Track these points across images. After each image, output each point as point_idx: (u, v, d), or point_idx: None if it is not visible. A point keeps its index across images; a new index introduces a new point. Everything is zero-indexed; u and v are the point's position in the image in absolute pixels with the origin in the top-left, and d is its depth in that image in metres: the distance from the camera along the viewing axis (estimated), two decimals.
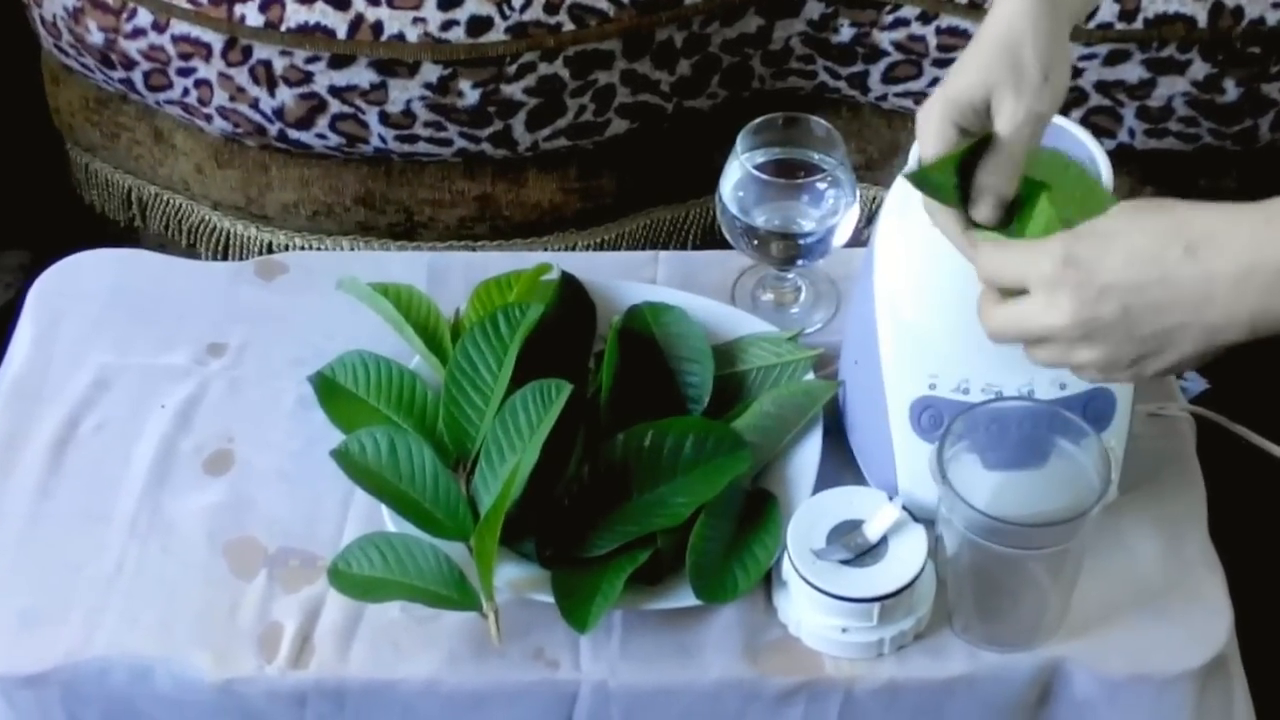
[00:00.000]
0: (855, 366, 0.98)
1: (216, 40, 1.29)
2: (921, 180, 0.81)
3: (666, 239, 1.47)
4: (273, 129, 1.33)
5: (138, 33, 1.31)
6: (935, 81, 1.35)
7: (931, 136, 0.80)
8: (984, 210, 0.81)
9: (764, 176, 1.03)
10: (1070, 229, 0.75)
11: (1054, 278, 0.73)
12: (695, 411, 0.99)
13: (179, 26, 1.29)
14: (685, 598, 0.91)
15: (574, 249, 1.43)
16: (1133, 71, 1.30)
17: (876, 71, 1.36)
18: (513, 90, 1.30)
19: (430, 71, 1.28)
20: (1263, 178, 1.41)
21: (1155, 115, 1.33)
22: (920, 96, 1.37)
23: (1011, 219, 0.81)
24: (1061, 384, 0.91)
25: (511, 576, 0.92)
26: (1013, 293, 0.77)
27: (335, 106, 1.31)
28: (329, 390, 1.01)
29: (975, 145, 0.80)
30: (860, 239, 1.07)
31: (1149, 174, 1.40)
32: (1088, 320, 0.73)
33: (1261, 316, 0.71)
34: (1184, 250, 0.71)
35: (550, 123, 1.33)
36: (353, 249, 1.42)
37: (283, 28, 1.27)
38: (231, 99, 1.32)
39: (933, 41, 1.33)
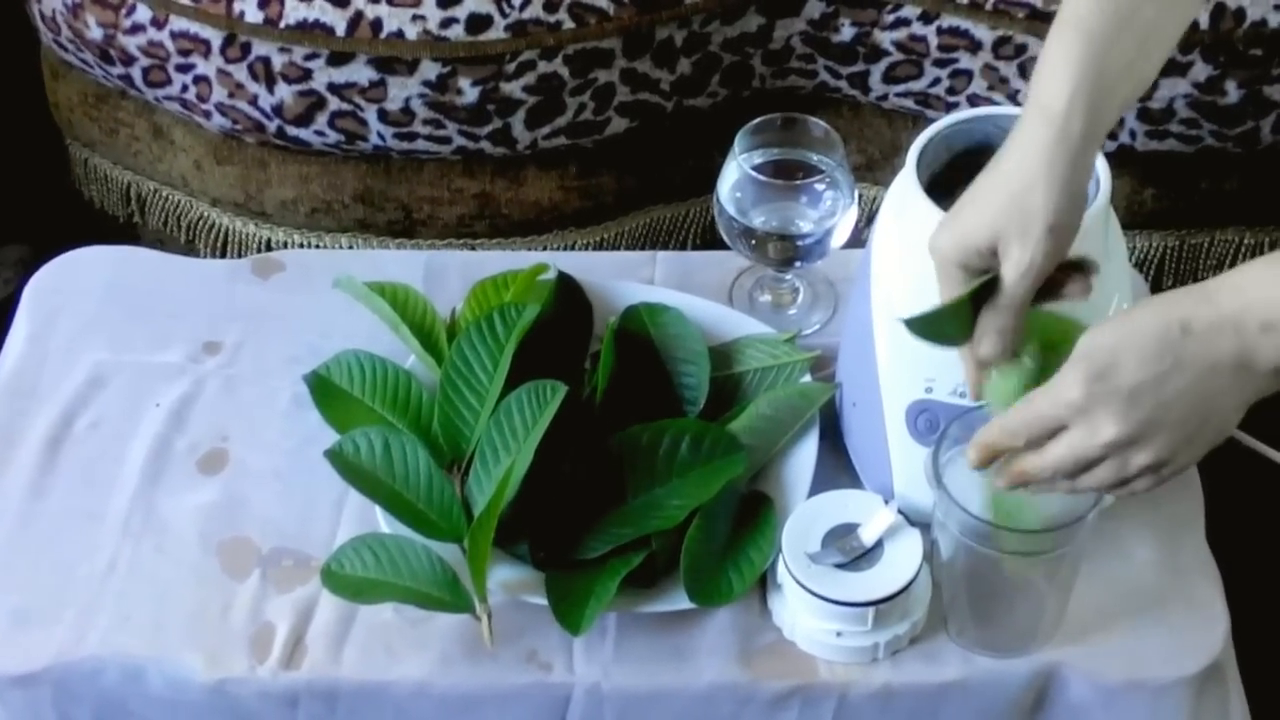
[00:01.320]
0: (852, 369, 0.98)
1: (215, 36, 1.29)
2: (922, 328, 0.82)
3: (666, 238, 1.47)
4: (271, 126, 1.33)
5: (137, 28, 1.31)
6: (936, 82, 1.35)
7: (940, 281, 0.81)
8: (987, 348, 0.81)
9: (762, 178, 1.03)
10: (1075, 357, 0.76)
11: (1085, 402, 0.75)
12: (691, 413, 0.99)
13: (178, 22, 1.29)
14: (679, 601, 0.91)
15: (573, 248, 1.42)
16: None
17: (877, 71, 1.36)
18: (512, 88, 1.29)
19: (429, 69, 1.28)
20: (1264, 180, 1.40)
21: (1156, 117, 1.32)
22: (921, 96, 1.37)
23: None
24: None
25: (505, 578, 0.92)
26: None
27: (334, 104, 1.30)
28: (324, 390, 1.01)
29: (977, 290, 0.80)
30: (859, 240, 1.06)
31: (1150, 176, 1.39)
32: (1132, 425, 0.75)
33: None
34: (1181, 332, 0.74)
35: (550, 121, 1.33)
36: (351, 246, 1.42)
37: (282, 24, 1.26)
38: (230, 95, 1.32)
39: (934, 41, 1.33)
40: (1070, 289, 0.81)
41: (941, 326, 0.82)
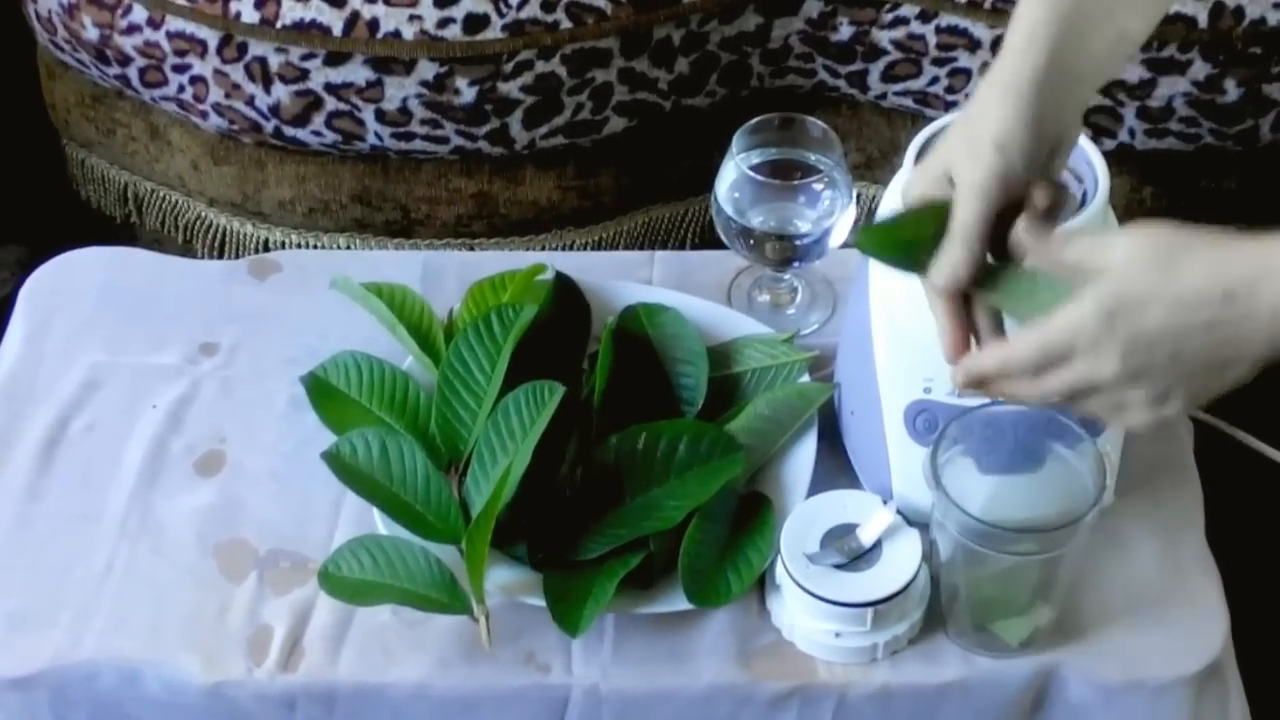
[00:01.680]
0: (850, 369, 0.98)
1: (212, 37, 1.28)
2: (865, 239, 0.81)
3: (665, 237, 1.46)
4: (268, 126, 1.33)
5: (133, 29, 1.30)
6: (934, 81, 1.35)
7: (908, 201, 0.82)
8: (938, 276, 0.80)
9: (759, 178, 1.03)
10: (1105, 285, 0.74)
11: (1098, 334, 0.73)
12: (689, 413, 0.98)
13: (174, 23, 1.29)
14: (678, 601, 0.91)
15: (571, 247, 1.42)
16: (1133, 71, 1.29)
17: (876, 70, 1.36)
18: (510, 88, 1.29)
19: (427, 69, 1.27)
20: (1264, 178, 1.40)
21: (1156, 115, 1.32)
22: (920, 95, 1.36)
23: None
24: None
25: (503, 580, 0.92)
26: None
27: (331, 104, 1.30)
28: (321, 391, 1.00)
29: (926, 213, 0.79)
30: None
31: (1149, 174, 1.39)
32: (1137, 366, 0.74)
33: None
34: (1223, 299, 0.72)
35: (548, 121, 1.33)
36: (349, 246, 1.41)
37: (278, 24, 1.26)
38: (227, 96, 1.31)
39: (932, 40, 1.32)
40: (1049, 209, 0.79)
41: (892, 243, 0.80)
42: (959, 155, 0.80)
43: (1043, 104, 0.80)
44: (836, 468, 0.98)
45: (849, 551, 0.90)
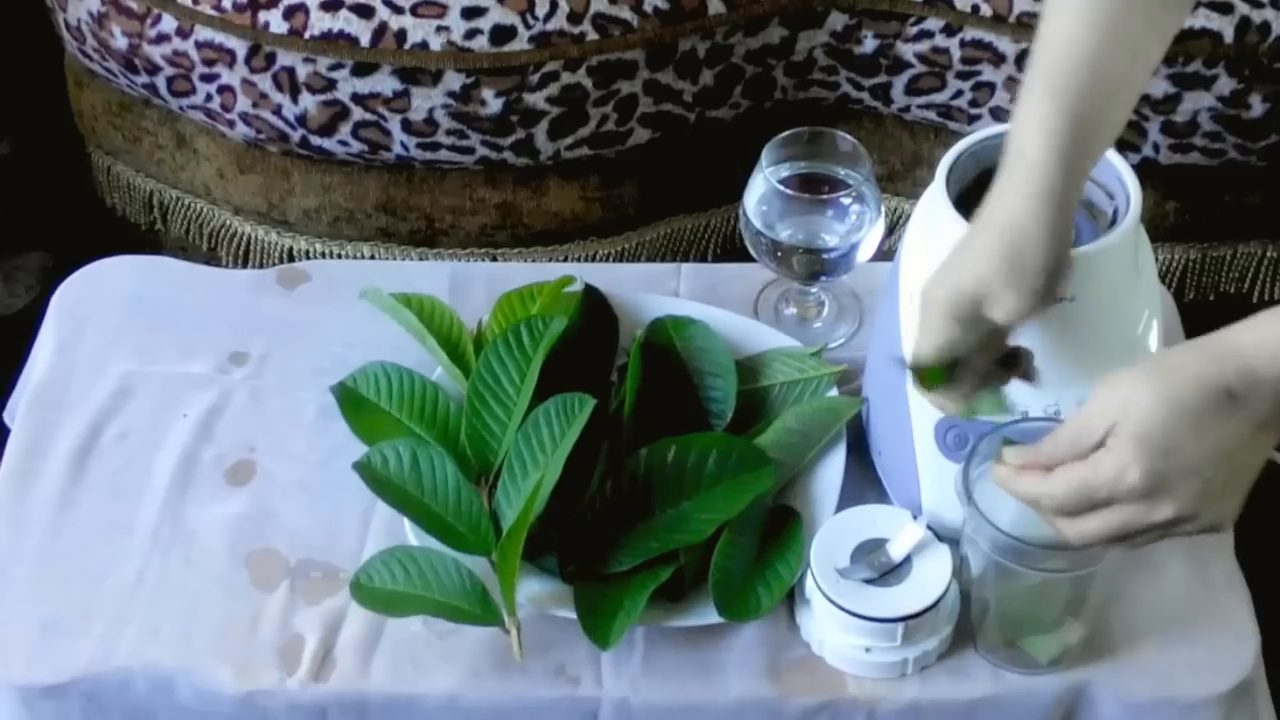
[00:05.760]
0: (879, 383, 0.98)
1: (240, 47, 1.29)
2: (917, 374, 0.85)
3: (688, 248, 1.47)
4: (295, 135, 1.33)
5: (162, 38, 1.31)
6: (958, 94, 1.35)
7: (931, 325, 0.83)
8: (962, 386, 0.85)
9: (788, 191, 1.03)
10: (1126, 436, 0.76)
11: (1150, 486, 0.75)
12: (718, 426, 0.99)
13: (203, 33, 1.29)
14: (708, 615, 0.91)
15: (595, 258, 1.42)
16: (1158, 86, 1.30)
17: (900, 83, 1.36)
18: (535, 99, 1.30)
19: (453, 80, 1.28)
20: None
21: (1180, 130, 1.32)
22: (943, 109, 1.37)
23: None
24: None
25: (534, 592, 0.92)
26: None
27: (358, 114, 1.30)
28: (351, 401, 1.01)
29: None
30: (884, 250, 1.06)
31: (1173, 189, 1.39)
32: (1191, 507, 0.76)
33: None
34: (1230, 401, 0.74)
35: (572, 132, 1.33)
36: (373, 256, 1.42)
37: (306, 35, 1.27)
38: (254, 105, 1.32)
39: (956, 54, 1.33)
40: (1017, 370, 0.85)
41: (926, 377, 0.85)
42: (1002, 282, 0.80)
43: (1069, 219, 0.82)
44: (865, 482, 0.98)
45: (879, 566, 0.90)
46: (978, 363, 0.84)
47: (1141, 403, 0.75)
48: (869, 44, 1.34)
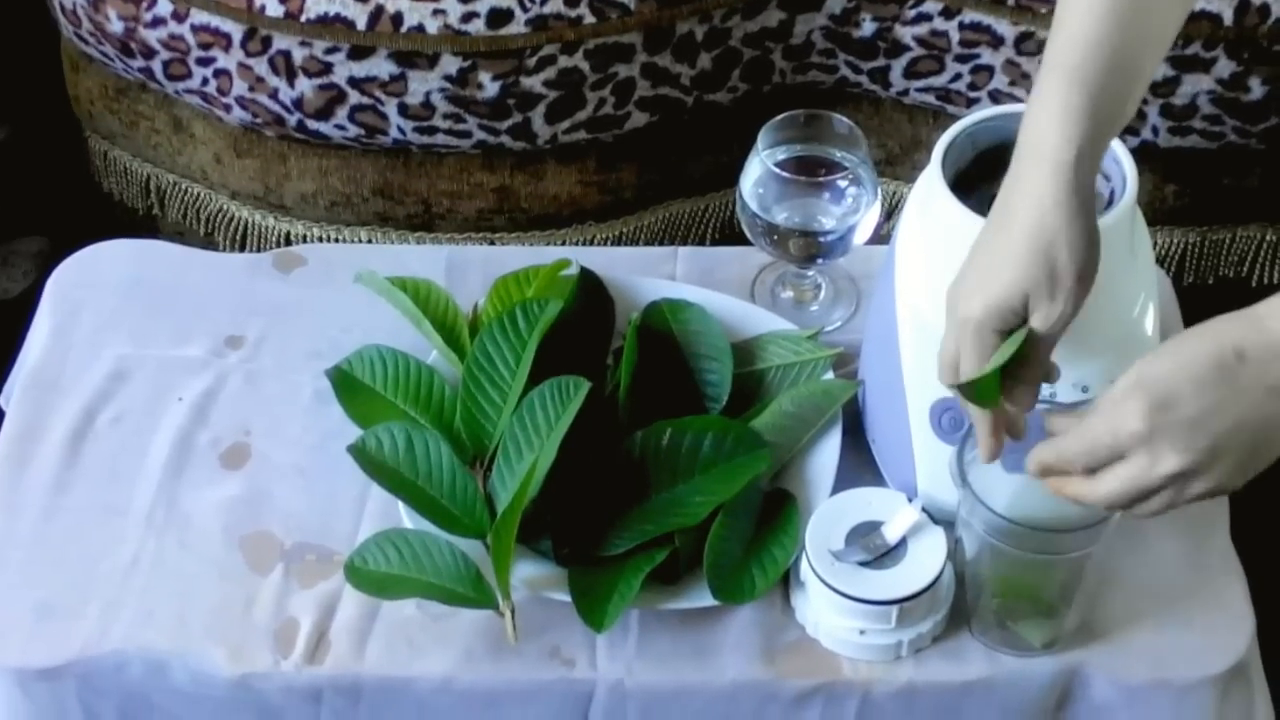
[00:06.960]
0: (875, 366, 0.98)
1: (236, 30, 1.28)
2: (970, 393, 0.82)
3: (685, 232, 1.46)
4: (291, 119, 1.33)
5: (157, 22, 1.31)
6: (957, 77, 1.34)
7: (974, 346, 0.81)
8: (1021, 400, 0.82)
9: (785, 174, 1.03)
10: (1129, 387, 0.76)
11: (1148, 433, 0.75)
12: (714, 409, 0.99)
13: (199, 16, 1.29)
14: (703, 598, 0.91)
15: (592, 242, 1.42)
16: (1157, 69, 1.29)
17: (898, 66, 1.36)
18: (532, 83, 1.29)
19: (450, 63, 1.28)
20: None
21: (1179, 113, 1.32)
22: (942, 92, 1.36)
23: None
24: (1084, 387, 0.90)
25: (528, 574, 0.92)
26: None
27: (354, 97, 1.30)
28: (346, 384, 1.01)
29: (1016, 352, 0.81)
30: (880, 234, 1.06)
31: (1171, 172, 1.39)
32: (1194, 459, 0.75)
33: None
34: (1236, 358, 0.74)
35: (570, 115, 1.33)
36: (370, 240, 1.41)
37: (303, 18, 1.26)
38: (250, 89, 1.31)
39: (955, 37, 1.32)
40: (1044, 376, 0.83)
41: (983, 391, 0.82)
42: (1040, 289, 0.79)
43: (1094, 214, 0.81)
44: (860, 464, 0.98)
45: (874, 549, 0.90)
46: (1026, 375, 0.82)
47: (1150, 360, 0.76)
48: (867, 27, 1.33)
